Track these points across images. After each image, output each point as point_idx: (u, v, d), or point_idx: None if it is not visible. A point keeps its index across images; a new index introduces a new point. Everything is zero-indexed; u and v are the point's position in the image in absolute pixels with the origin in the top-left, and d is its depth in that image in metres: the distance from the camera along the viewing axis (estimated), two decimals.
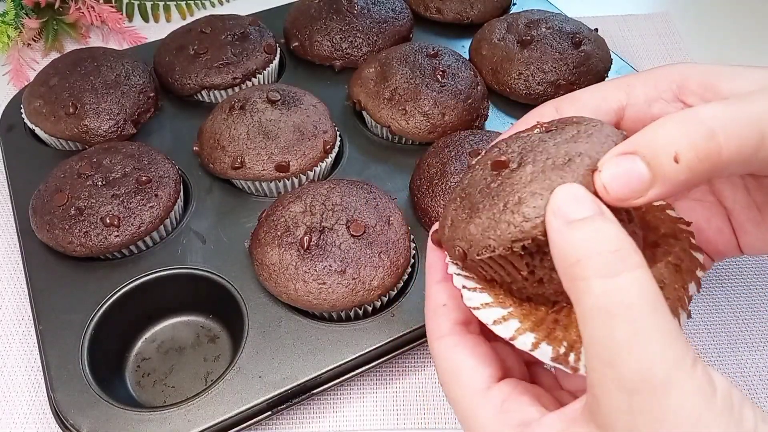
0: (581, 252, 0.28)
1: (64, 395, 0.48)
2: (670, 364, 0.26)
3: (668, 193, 0.30)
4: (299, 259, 0.52)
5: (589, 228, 0.28)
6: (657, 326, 0.26)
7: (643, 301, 0.27)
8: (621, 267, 0.27)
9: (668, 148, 0.29)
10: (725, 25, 0.93)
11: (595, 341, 0.27)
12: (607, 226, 0.29)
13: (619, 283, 0.27)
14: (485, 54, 0.74)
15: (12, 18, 0.85)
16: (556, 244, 0.29)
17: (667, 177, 0.29)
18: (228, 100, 0.65)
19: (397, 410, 0.53)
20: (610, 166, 0.30)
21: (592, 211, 0.29)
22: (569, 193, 0.30)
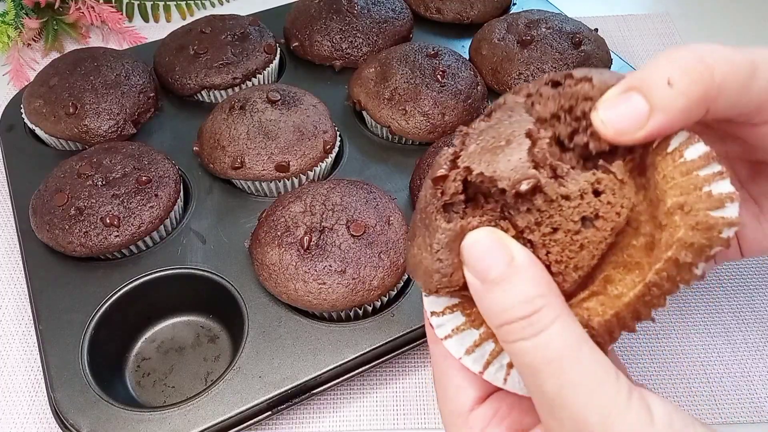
0: (501, 318, 0.29)
1: (64, 395, 0.48)
2: (603, 407, 0.27)
3: (669, 122, 0.29)
4: (299, 259, 0.52)
5: (504, 290, 0.29)
6: (581, 374, 0.27)
7: (564, 354, 0.28)
8: (537, 328, 0.28)
9: (661, 75, 0.29)
10: (725, 25, 0.93)
11: (534, 396, 0.29)
12: (520, 281, 0.29)
13: (538, 343, 0.28)
14: (485, 54, 0.74)
15: (12, 18, 0.85)
16: (480, 307, 0.30)
17: (663, 103, 0.29)
18: (228, 100, 0.65)
19: (397, 410, 0.53)
20: (606, 102, 0.30)
21: (503, 263, 0.29)
22: (481, 239, 0.30)
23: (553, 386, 0.27)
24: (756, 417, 0.52)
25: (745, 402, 0.52)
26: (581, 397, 0.27)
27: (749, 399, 0.53)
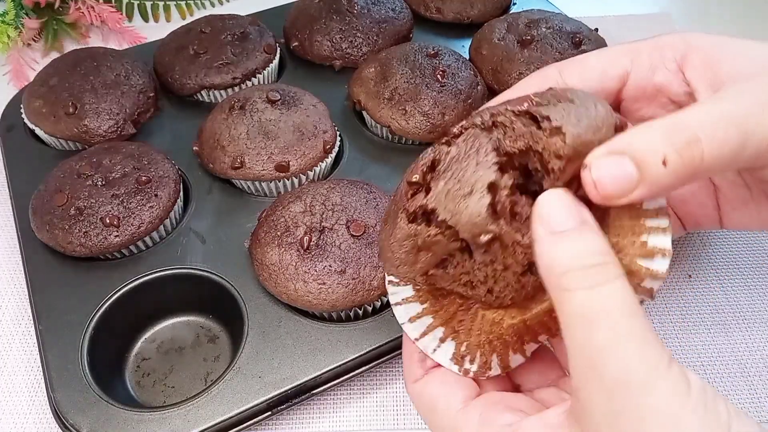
0: (565, 265, 0.29)
1: (64, 395, 0.48)
2: (648, 366, 0.27)
3: (651, 195, 0.31)
4: (299, 259, 0.52)
5: (574, 241, 0.30)
6: (635, 330, 0.28)
7: (622, 309, 0.28)
8: (602, 279, 0.29)
9: (657, 153, 0.30)
10: (725, 25, 0.93)
11: (577, 346, 0.29)
12: (590, 238, 0.30)
13: (600, 293, 0.28)
14: (485, 54, 0.74)
15: (12, 18, 0.85)
16: (541, 255, 0.30)
17: (653, 179, 0.30)
18: (228, 100, 0.65)
19: (397, 410, 0.53)
20: (599, 165, 0.31)
21: (576, 221, 0.30)
22: (555, 200, 0.31)
23: (606, 337, 0.28)
24: (756, 417, 0.52)
25: (745, 402, 0.52)
26: (630, 351, 0.27)
27: (749, 399, 0.53)
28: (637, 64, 0.40)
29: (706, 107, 0.32)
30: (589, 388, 0.28)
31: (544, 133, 0.33)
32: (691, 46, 0.38)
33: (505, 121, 0.34)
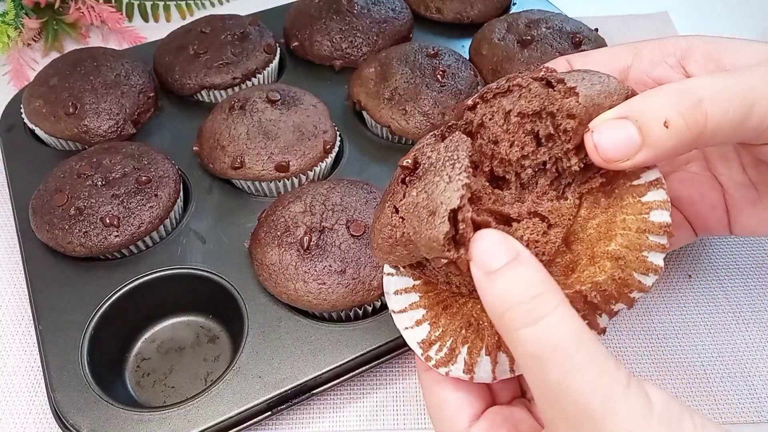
0: (504, 304, 0.29)
1: (64, 395, 0.48)
2: (605, 394, 0.27)
3: (655, 158, 0.31)
4: (299, 259, 0.52)
5: (508, 277, 0.30)
6: (586, 360, 0.28)
7: (568, 340, 0.28)
8: (542, 311, 0.28)
9: (659, 114, 0.30)
10: (725, 25, 0.93)
11: (535, 384, 0.29)
12: (524, 270, 0.30)
13: (542, 329, 0.28)
14: (485, 54, 0.74)
15: (12, 18, 0.85)
16: (483, 298, 0.31)
17: (655, 142, 0.30)
18: (228, 100, 0.65)
19: (397, 410, 0.53)
20: (602, 128, 0.31)
21: (508, 256, 0.30)
22: (485, 238, 0.31)
23: (558, 373, 0.28)
24: (756, 417, 0.52)
25: (745, 402, 0.52)
26: (585, 383, 0.27)
27: (749, 399, 0.53)
28: (638, 59, 0.40)
29: (711, 77, 0.32)
30: (556, 423, 0.29)
31: (559, 94, 0.34)
32: (692, 43, 0.39)
33: (522, 83, 0.35)
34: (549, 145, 0.36)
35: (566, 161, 0.35)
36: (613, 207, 0.35)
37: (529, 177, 0.37)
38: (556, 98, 0.34)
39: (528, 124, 0.36)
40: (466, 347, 0.35)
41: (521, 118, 0.36)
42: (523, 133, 0.36)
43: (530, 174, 0.37)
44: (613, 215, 0.34)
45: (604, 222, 0.35)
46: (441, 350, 0.36)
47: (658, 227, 0.33)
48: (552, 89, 0.35)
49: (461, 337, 0.36)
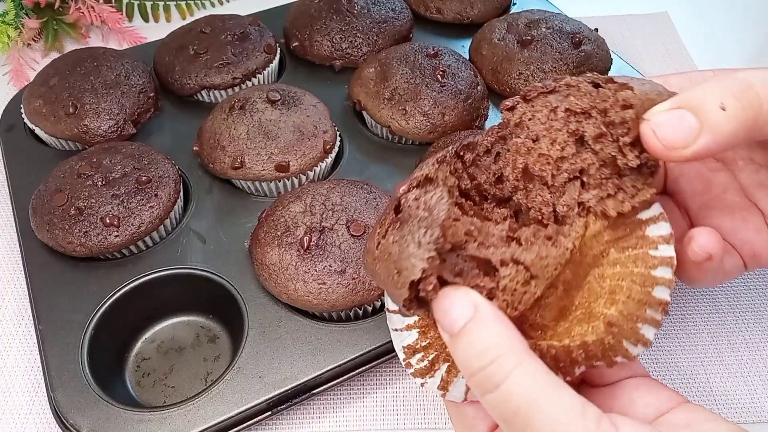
0: (467, 370, 0.30)
1: (64, 395, 0.48)
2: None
3: (715, 144, 0.31)
4: (299, 259, 0.52)
5: (466, 341, 0.30)
6: (548, 419, 0.28)
7: (528, 402, 0.28)
8: (500, 377, 0.29)
9: (714, 99, 0.30)
10: (725, 25, 0.93)
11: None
12: (481, 332, 0.30)
13: (501, 395, 0.29)
14: (485, 54, 0.74)
15: (12, 18, 0.85)
16: (455, 362, 0.31)
17: (714, 125, 0.30)
18: (228, 100, 0.65)
19: (397, 410, 0.53)
20: (658, 115, 0.31)
21: (466, 316, 0.30)
22: (446, 300, 0.31)
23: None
24: (756, 417, 0.52)
25: (745, 402, 0.52)
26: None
27: (749, 399, 0.53)
28: (694, 85, 0.41)
29: (756, 69, 0.32)
30: None
31: (610, 90, 0.33)
32: (718, 71, 0.40)
33: (571, 82, 0.35)
34: (598, 146, 0.34)
35: (622, 158, 0.34)
36: (620, 266, 0.34)
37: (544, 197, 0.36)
38: (608, 94, 0.33)
39: (574, 123, 0.35)
40: (447, 365, 0.36)
41: (568, 114, 0.35)
42: (567, 132, 0.35)
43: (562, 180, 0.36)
44: (619, 278, 0.34)
45: (609, 278, 0.34)
46: (423, 361, 0.36)
47: (657, 303, 0.33)
48: (601, 88, 0.34)
49: (444, 354, 0.36)
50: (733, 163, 0.41)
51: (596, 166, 0.35)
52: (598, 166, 0.35)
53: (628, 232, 0.34)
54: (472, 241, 0.34)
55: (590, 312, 0.33)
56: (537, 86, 0.36)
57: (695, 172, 0.41)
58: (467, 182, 0.36)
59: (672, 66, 0.85)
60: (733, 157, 0.40)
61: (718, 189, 0.41)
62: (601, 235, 0.35)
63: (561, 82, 0.35)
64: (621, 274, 0.34)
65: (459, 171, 0.36)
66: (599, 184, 0.35)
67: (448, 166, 0.35)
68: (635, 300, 0.33)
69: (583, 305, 0.34)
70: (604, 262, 0.34)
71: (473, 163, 0.37)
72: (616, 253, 0.34)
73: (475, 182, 0.37)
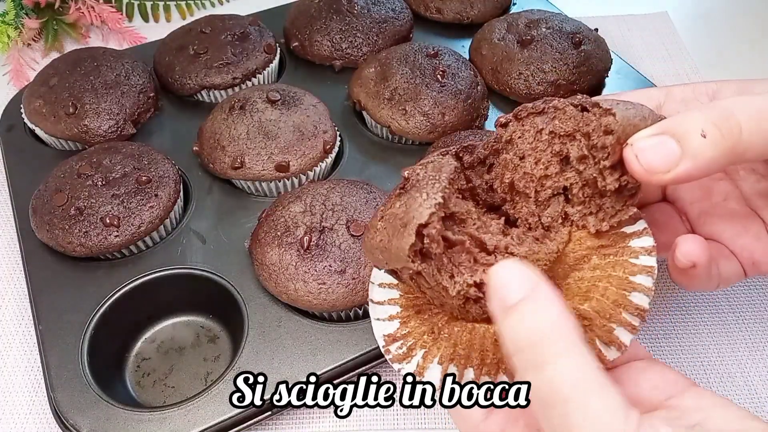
0: (516, 344, 0.29)
1: (64, 395, 0.48)
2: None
3: (696, 169, 0.32)
4: (299, 259, 0.52)
5: (524, 315, 0.29)
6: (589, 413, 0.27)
7: (579, 392, 0.28)
8: (550, 358, 0.28)
9: (695, 126, 0.31)
10: (725, 25, 0.94)
11: (545, 424, 0.29)
12: (542, 307, 0.29)
13: (549, 377, 0.28)
14: (485, 54, 0.74)
15: (12, 18, 0.85)
16: (500, 334, 0.30)
17: (695, 151, 0.31)
18: (228, 100, 0.65)
19: (397, 410, 0.53)
20: (641, 140, 0.32)
21: (526, 290, 0.29)
22: (505, 271, 0.30)
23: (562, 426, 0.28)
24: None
25: (745, 402, 0.52)
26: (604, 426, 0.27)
27: (749, 399, 0.53)
28: (670, 98, 0.42)
29: (740, 96, 0.33)
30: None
31: (594, 115, 0.35)
32: (722, 83, 0.41)
33: (558, 105, 0.37)
34: (581, 167, 0.36)
35: (601, 180, 0.35)
36: (600, 270, 0.35)
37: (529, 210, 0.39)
38: (591, 119, 0.35)
39: (558, 144, 0.37)
40: (423, 351, 0.37)
41: (552, 137, 0.37)
42: (551, 153, 0.37)
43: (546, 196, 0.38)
44: (597, 279, 0.35)
45: (587, 280, 0.35)
46: (401, 348, 0.38)
47: (633, 307, 0.33)
48: (587, 112, 0.36)
49: (421, 341, 0.37)
50: (735, 173, 0.42)
51: (579, 185, 0.37)
52: (581, 186, 0.37)
53: (612, 243, 0.36)
54: (471, 224, 0.36)
55: None
56: (527, 106, 0.38)
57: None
58: (464, 183, 0.39)
59: (672, 66, 0.85)
60: (734, 167, 0.41)
61: (719, 197, 0.42)
62: (584, 241, 0.36)
63: (549, 104, 0.37)
64: (599, 276, 0.35)
65: (458, 170, 0.38)
66: (582, 201, 0.37)
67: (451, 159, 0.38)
68: (610, 300, 0.33)
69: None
70: (585, 267, 0.35)
71: (471, 167, 0.40)
72: (598, 260, 0.35)
73: (470, 185, 0.39)
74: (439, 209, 0.33)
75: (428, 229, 0.32)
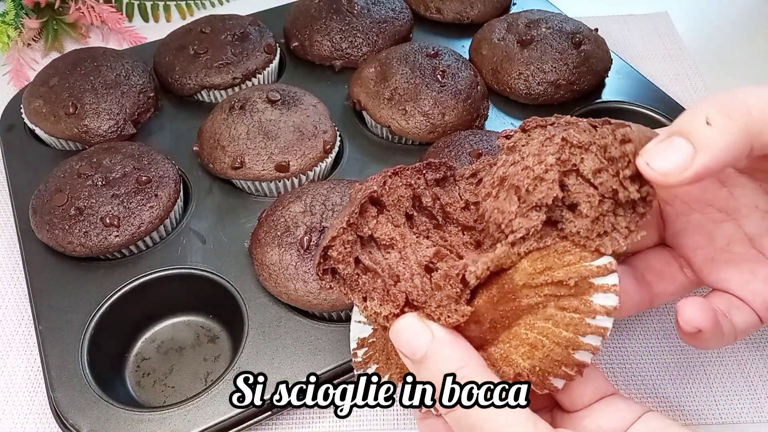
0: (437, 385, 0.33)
1: (64, 395, 0.48)
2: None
3: (715, 161, 0.30)
4: (299, 259, 0.52)
5: (428, 367, 0.33)
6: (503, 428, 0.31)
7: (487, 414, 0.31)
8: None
9: (698, 116, 0.30)
10: (725, 25, 0.94)
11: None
12: (438, 356, 0.33)
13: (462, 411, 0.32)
14: (485, 54, 0.74)
15: (12, 18, 0.85)
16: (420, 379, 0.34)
17: (705, 142, 0.30)
18: (228, 100, 0.65)
19: (397, 410, 0.53)
20: (649, 148, 0.32)
21: (425, 342, 0.33)
22: (405, 329, 0.34)
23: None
24: (756, 417, 0.52)
25: (745, 402, 0.52)
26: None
27: (749, 399, 0.53)
28: None
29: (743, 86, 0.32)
30: None
31: (609, 129, 0.34)
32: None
33: (570, 120, 0.36)
34: (597, 180, 0.34)
35: (623, 190, 0.34)
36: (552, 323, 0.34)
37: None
38: (606, 133, 0.34)
39: (567, 153, 0.34)
40: (376, 366, 0.38)
41: (564, 143, 0.34)
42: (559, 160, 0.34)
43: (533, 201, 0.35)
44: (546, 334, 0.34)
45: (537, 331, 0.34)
46: (365, 355, 0.39)
47: (574, 363, 0.33)
48: (599, 128, 0.35)
49: (375, 356, 0.39)
50: (737, 212, 0.39)
51: (595, 200, 0.34)
52: (598, 200, 0.34)
53: (573, 293, 0.34)
54: (397, 250, 0.37)
55: (506, 356, 0.35)
56: (536, 119, 0.37)
57: (696, 224, 0.40)
58: (428, 200, 0.39)
59: (672, 66, 0.85)
60: (736, 206, 0.39)
61: (723, 241, 0.40)
62: (542, 287, 0.34)
63: (561, 119, 0.36)
64: (549, 332, 0.34)
65: (418, 187, 0.38)
66: (595, 219, 0.34)
67: (401, 177, 0.38)
68: (552, 360, 0.34)
69: (504, 345, 0.35)
70: (539, 314, 0.34)
71: (440, 184, 0.39)
72: (554, 310, 0.34)
73: (438, 202, 0.39)
74: (344, 233, 0.35)
75: (331, 251, 0.35)
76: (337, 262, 0.35)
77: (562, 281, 0.33)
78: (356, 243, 0.35)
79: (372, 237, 0.36)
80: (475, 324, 0.35)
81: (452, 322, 0.34)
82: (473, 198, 0.39)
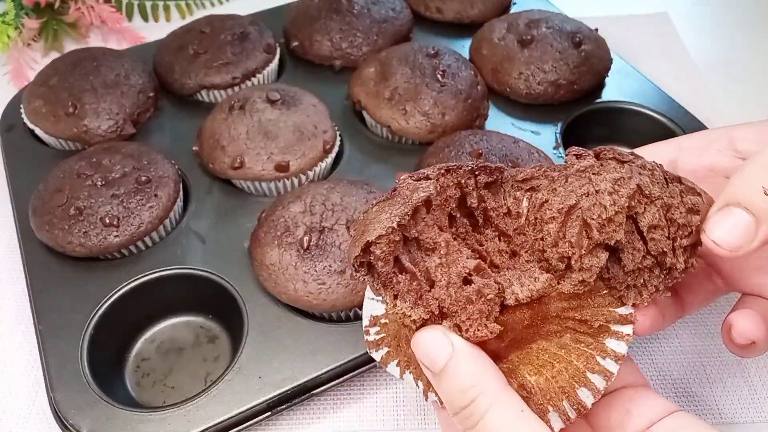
0: (451, 409, 0.33)
1: (64, 395, 0.48)
2: None
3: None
4: (299, 259, 0.52)
5: (447, 380, 0.33)
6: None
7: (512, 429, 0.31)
8: (476, 416, 0.31)
9: (755, 186, 0.31)
10: (725, 25, 0.93)
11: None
12: (459, 372, 0.32)
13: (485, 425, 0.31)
14: (485, 54, 0.74)
15: (12, 18, 0.85)
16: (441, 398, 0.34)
17: (765, 213, 0.31)
18: (228, 100, 0.65)
19: (397, 410, 0.53)
20: (712, 224, 0.32)
21: (446, 356, 0.33)
22: (427, 341, 0.33)
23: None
24: (756, 417, 0.52)
25: (745, 402, 0.52)
26: None
27: (749, 399, 0.53)
28: (685, 149, 0.42)
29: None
30: None
31: (677, 190, 0.34)
32: (733, 129, 0.41)
33: (647, 165, 0.35)
34: (650, 235, 0.34)
35: (671, 257, 0.34)
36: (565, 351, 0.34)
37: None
38: (676, 193, 0.34)
39: (635, 201, 0.34)
40: (387, 350, 0.38)
41: (635, 192, 0.34)
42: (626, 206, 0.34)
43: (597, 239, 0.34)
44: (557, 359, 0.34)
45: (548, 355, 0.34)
46: (378, 334, 0.38)
47: (575, 401, 0.33)
48: (670, 184, 0.34)
49: (388, 338, 0.38)
50: None
51: (639, 253, 0.35)
52: (642, 254, 0.35)
53: (591, 332, 0.35)
54: (437, 255, 0.36)
55: (513, 370, 0.34)
56: (614, 150, 0.36)
57: None
58: (474, 200, 0.37)
59: (672, 66, 0.85)
60: None
61: None
62: (565, 319, 0.35)
63: (638, 160, 0.35)
64: (561, 357, 0.34)
65: (468, 187, 0.37)
66: (631, 271, 0.35)
67: (454, 176, 0.36)
68: (558, 384, 0.34)
69: (513, 362, 0.35)
70: (554, 340, 0.35)
71: (488, 186, 0.38)
72: (569, 341, 0.35)
73: (482, 205, 0.37)
74: (392, 233, 0.34)
75: (375, 248, 0.34)
76: (377, 259, 0.34)
77: (588, 321, 0.35)
78: (400, 242, 0.35)
79: (416, 238, 0.36)
80: (496, 339, 0.35)
81: (480, 336, 0.34)
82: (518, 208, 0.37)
